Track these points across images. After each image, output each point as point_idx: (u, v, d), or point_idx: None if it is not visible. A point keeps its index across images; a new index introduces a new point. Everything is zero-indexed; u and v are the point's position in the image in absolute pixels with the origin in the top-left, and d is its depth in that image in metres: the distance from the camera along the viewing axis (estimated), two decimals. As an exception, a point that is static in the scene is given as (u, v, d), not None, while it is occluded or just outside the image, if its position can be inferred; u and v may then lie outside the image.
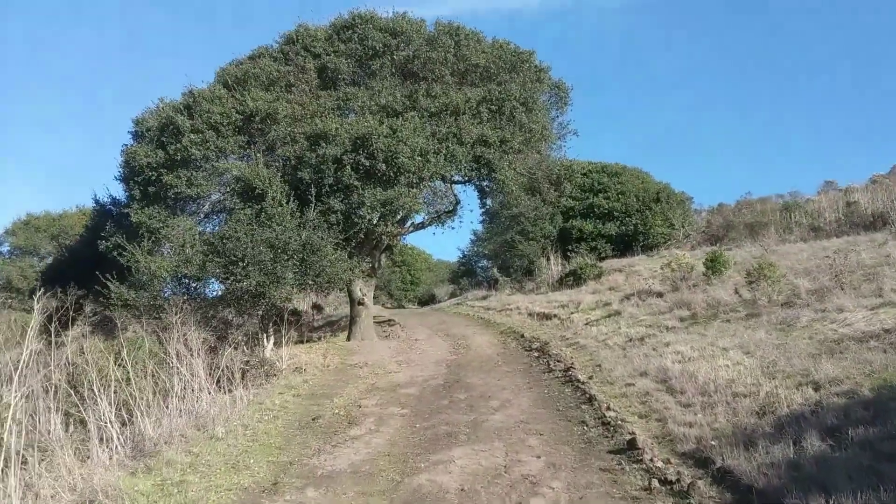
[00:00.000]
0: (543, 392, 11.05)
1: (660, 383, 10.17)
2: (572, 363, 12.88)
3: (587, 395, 10.21)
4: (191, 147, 16.09)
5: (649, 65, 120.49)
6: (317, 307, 28.16)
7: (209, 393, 10.70)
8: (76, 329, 16.37)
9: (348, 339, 19.23)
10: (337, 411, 10.55)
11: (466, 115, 17.61)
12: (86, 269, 16.57)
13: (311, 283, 15.08)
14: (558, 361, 13.23)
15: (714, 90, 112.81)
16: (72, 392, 9.42)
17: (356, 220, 16.23)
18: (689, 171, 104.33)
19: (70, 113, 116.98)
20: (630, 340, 13.98)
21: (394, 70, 18.69)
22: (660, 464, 6.84)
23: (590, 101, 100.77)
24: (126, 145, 17.66)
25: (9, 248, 42.30)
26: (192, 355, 10.90)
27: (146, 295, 14.01)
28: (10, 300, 27.45)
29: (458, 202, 20.96)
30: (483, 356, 15.19)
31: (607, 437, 8.15)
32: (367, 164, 15.94)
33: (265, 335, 14.76)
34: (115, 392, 9.44)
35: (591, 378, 11.46)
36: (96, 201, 20.33)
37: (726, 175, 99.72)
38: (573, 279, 24.71)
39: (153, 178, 16.37)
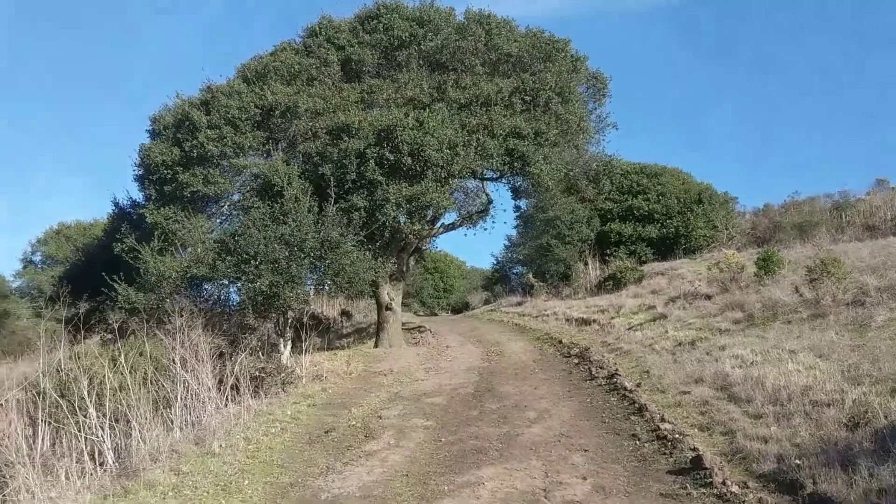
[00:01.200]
0: (586, 401, 9.84)
1: (720, 391, 8.91)
2: (616, 370, 11.62)
3: (636, 405, 8.98)
4: (207, 143, 15.35)
5: (690, 64, 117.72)
6: (346, 313, 27.28)
7: (215, 403, 9.71)
8: (94, 337, 15.64)
9: (375, 345, 18.21)
10: (353, 423, 9.44)
11: (498, 106, 16.56)
12: (102, 273, 15.83)
13: (329, 283, 14.04)
14: (601, 368, 12.00)
15: (755, 89, 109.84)
16: (60, 402, 8.49)
17: (380, 217, 15.17)
18: (732, 172, 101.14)
19: (106, 120, 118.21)
20: (679, 345, 12.68)
21: (421, 61, 17.73)
22: (735, 488, 5.57)
23: (628, 101, 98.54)
24: (142, 144, 16.97)
25: (41, 258, 42.82)
26: (197, 361, 9.92)
27: (153, 297, 13.12)
28: (40, 309, 27.26)
29: (490, 201, 19.93)
30: (518, 363, 14.01)
31: (665, 453, 6.91)
32: (392, 157, 14.98)
33: (282, 340, 13.74)
34: (109, 401, 8.51)
35: (639, 385, 10.22)
36: (115, 204, 19.68)
37: (771, 175, 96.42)
38: (612, 283, 23.38)
39: (168, 176, 15.70)
